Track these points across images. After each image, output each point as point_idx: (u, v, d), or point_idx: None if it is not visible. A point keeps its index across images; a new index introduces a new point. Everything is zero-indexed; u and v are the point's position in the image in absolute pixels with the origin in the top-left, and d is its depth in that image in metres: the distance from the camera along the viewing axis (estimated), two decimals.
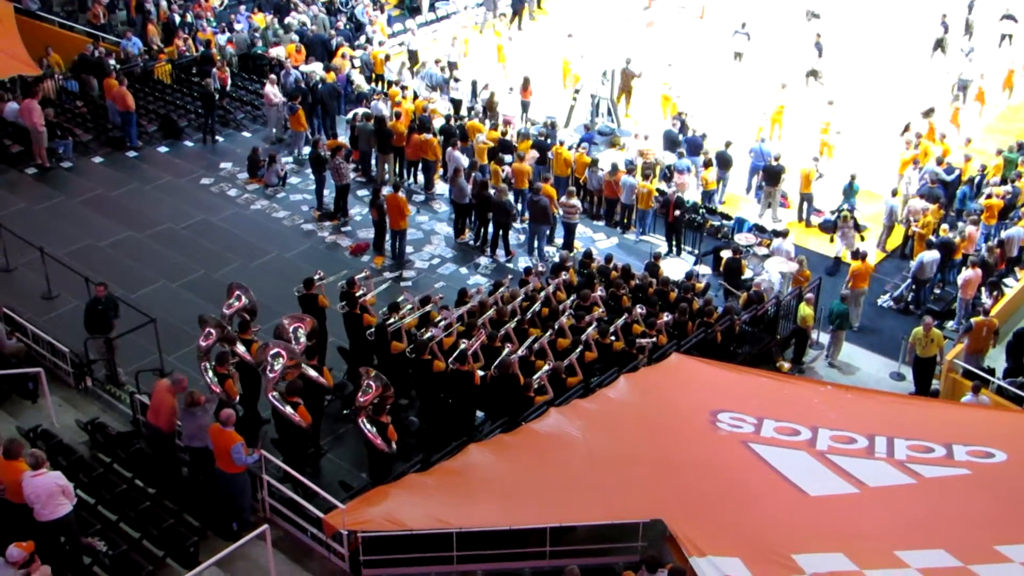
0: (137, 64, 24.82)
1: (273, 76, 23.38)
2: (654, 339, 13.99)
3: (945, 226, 19.12)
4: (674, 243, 19.55)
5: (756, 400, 12.67)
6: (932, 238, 18.56)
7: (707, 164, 21.16)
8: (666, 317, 14.86)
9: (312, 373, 12.25)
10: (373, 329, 13.57)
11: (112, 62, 24.00)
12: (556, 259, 17.60)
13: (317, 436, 12.89)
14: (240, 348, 12.74)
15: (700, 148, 21.86)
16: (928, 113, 23.33)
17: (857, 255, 17.26)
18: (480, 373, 12.77)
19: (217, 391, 12.10)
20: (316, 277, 14.54)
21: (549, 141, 21.46)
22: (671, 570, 9.50)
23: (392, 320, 13.69)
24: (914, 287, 17.85)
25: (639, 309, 14.96)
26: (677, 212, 19.03)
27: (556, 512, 10.41)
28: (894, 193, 20.32)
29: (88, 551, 10.33)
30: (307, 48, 25.95)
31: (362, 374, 11.95)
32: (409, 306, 14.04)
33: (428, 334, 13.20)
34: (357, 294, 14.04)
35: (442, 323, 13.71)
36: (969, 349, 15.31)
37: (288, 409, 11.74)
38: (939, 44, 28.04)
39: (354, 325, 13.98)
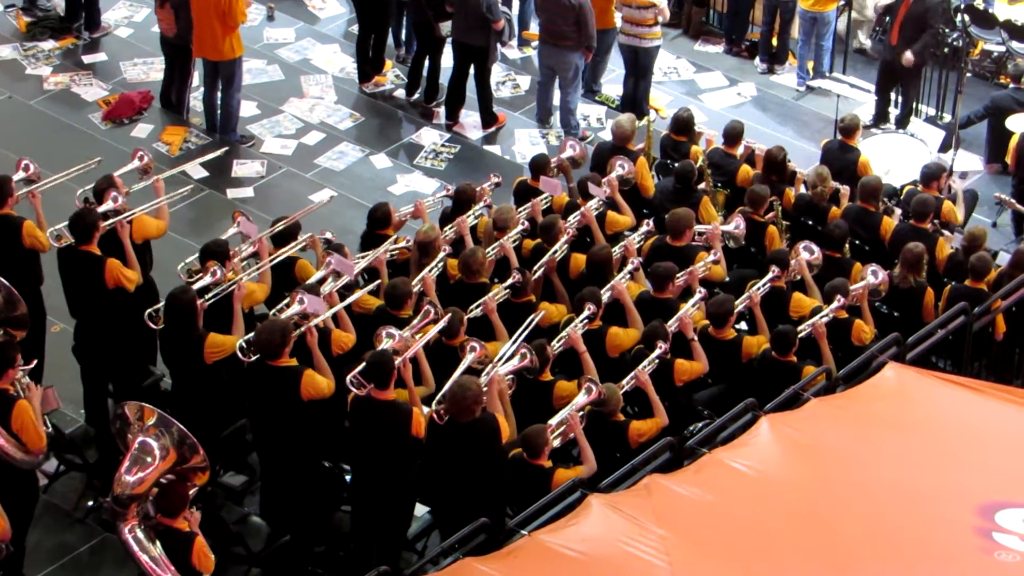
0: None
1: None
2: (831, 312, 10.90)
3: None
4: (893, 96, 15.34)
5: None
6: None
7: None
8: (871, 277, 11.35)
9: None
10: (160, 307, 10.21)
11: None
12: (594, 136, 14.31)
13: (20, 559, 10.10)
14: None
15: None
16: None
17: None
18: (423, 411, 9.88)
19: None
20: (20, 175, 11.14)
21: None
22: None
23: (203, 281, 10.40)
24: None
25: (807, 253, 11.53)
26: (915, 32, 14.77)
27: None
28: None
29: None
30: None
31: (125, 417, 9.02)
32: (248, 251, 10.82)
33: (288, 309, 10.27)
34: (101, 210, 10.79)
35: (328, 284, 10.55)
36: None
37: None
38: None
39: (86, 283, 10.83)
